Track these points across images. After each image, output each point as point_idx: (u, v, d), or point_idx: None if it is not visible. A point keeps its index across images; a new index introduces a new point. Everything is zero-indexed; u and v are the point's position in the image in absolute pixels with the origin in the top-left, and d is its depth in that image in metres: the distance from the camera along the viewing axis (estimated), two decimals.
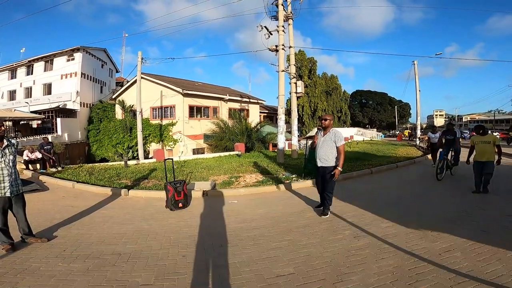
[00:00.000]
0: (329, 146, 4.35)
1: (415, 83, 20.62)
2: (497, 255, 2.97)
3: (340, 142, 4.32)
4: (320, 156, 4.43)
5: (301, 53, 36.38)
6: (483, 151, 5.54)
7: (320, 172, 4.50)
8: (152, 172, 8.53)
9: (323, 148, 4.40)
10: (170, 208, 5.06)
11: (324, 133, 4.48)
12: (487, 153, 5.50)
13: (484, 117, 69.21)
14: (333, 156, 4.36)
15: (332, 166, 4.34)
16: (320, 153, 4.42)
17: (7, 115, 19.23)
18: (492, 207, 4.75)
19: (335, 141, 4.31)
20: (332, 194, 4.51)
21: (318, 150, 4.48)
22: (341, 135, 4.45)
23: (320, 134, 4.53)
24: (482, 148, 5.56)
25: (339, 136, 4.36)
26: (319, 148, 4.46)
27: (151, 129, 20.69)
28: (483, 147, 5.56)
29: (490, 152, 5.50)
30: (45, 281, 2.63)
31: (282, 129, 11.33)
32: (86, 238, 3.77)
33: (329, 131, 4.43)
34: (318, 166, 4.48)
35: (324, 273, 2.74)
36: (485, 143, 5.58)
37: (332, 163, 4.35)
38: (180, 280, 2.67)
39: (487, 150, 5.53)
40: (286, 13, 11.59)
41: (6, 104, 25.69)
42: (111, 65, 30.87)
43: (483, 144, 5.58)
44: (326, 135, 4.43)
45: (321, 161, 4.42)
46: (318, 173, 4.58)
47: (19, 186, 3.45)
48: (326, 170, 4.38)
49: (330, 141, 4.35)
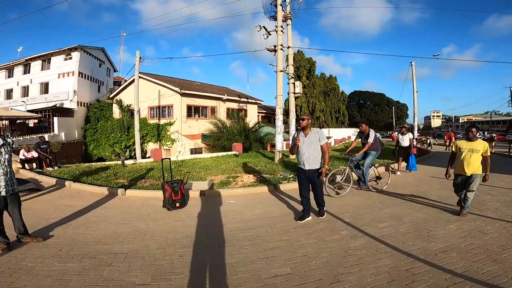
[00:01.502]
0: (315, 146, 4.19)
1: (413, 84, 20.76)
2: (493, 255, 2.99)
3: (324, 140, 4.21)
4: (307, 158, 4.18)
5: (300, 53, 36.41)
6: (470, 162, 4.36)
7: (306, 175, 4.24)
8: (149, 171, 8.50)
9: (309, 149, 4.19)
10: (167, 208, 5.04)
11: (305, 133, 4.26)
12: (475, 165, 4.35)
13: (481, 118, 69.69)
14: (320, 156, 4.23)
15: (318, 167, 4.21)
16: (307, 155, 4.19)
17: (3, 114, 19.10)
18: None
19: (319, 140, 4.18)
20: (323, 196, 4.38)
21: (303, 153, 4.23)
22: (324, 133, 4.36)
23: (301, 135, 4.27)
24: (469, 157, 4.38)
25: (322, 134, 4.25)
26: (304, 150, 4.22)
27: (148, 129, 20.64)
28: (471, 156, 4.37)
29: (478, 164, 4.38)
30: (41, 281, 2.62)
31: (280, 129, 11.34)
32: (83, 237, 3.75)
33: (310, 130, 4.26)
34: (305, 169, 4.22)
35: (321, 273, 2.74)
36: (473, 151, 4.37)
37: (319, 164, 4.22)
38: (177, 280, 2.66)
39: (475, 161, 4.35)
40: (285, 13, 11.60)
41: (2, 103, 25.56)
42: (108, 64, 30.78)
43: (470, 153, 4.39)
44: (308, 136, 4.23)
45: (309, 163, 4.18)
46: (304, 177, 4.28)
47: (14, 186, 3.43)
48: (315, 172, 4.19)
49: (315, 141, 4.19)
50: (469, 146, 4.45)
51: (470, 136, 4.45)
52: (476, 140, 4.45)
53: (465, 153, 4.44)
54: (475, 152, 4.37)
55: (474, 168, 4.35)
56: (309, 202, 4.35)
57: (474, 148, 4.39)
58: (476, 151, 4.37)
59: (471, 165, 4.36)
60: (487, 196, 5.55)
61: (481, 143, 4.42)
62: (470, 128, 4.51)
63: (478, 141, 4.44)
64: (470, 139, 4.46)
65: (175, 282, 2.63)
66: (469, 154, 4.40)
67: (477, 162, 4.36)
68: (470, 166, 4.36)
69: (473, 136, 4.44)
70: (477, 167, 4.35)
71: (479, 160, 4.37)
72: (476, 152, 4.37)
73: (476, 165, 4.35)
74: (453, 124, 71.60)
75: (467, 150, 4.44)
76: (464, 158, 4.42)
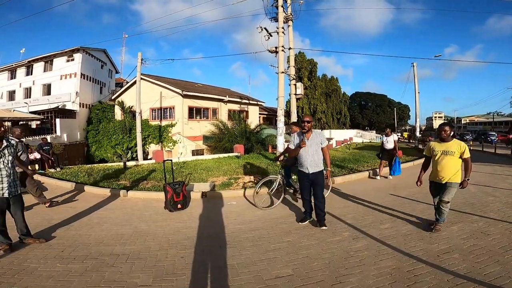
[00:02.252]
0: (317, 149, 4.06)
1: (414, 85, 20.73)
2: (495, 257, 2.98)
3: (326, 143, 4.12)
4: (311, 162, 4.03)
5: (301, 54, 36.51)
6: (444, 167, 3.74)
7: (309, 179, 4.08)
8: (151, 173, 8.52)
9: (311, 152, 4.04)
10: (169, 209, 5.05)
11: (307, 136, 4.10)
12: (450, 171, 3.70)
13: (483, 119, 69.42)
14: (322, 159, 4.11)
15: (321, 170, 4.09)
16: (310, 159, 4.04)
17: (6, 116, 19.20)
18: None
19: (321, 142, 4.07)
20: (324, 201, 4.13)
21: (306, 156, 4.07)
22: (324, 135, 4.29)
23: (304, 138, 4.08)
24: (443, 161, 3.76)
25: (323, 136, 4.17)
26: (306, 153, 4.06)
27: (150, 130, 20.70)
28: (444, 160, 3.76)
29: (454, 169, 3.70)
30: (43, 282, 2.63)
31: (282, 131, 11.33)
32: (85, 239, 3.76)
33: (312, 133, 4.14)
34: (309, 173, 4.06)
35: (323, 274, 2.74)
36: (447, 154, 3.74)
37: (322, 167, 4.10)
38: (178, 281, 2.67)
39: (449, 165, 3.71)
40: (286, 15, 11.61)
41: (5, 105, 25.68)
42: (110, 65, 30.90)
43: (444, 156, 3.77)
44: (310, 138, 4.08)
45: (312, 167, 4.03)
46: (307, 181, 4.13)
47: (17, 187, 3.45)
48: (318, 175, 4.04)
49: (317, 144, 4.06)
50: (442, 147, 3.81)
51: (443, 136, 3.82)
52: (451, 140, 3.82)
53: (438, 156, 3.82)
54: (449, 155, 3.72)
55: (449, 174, 3.71)
56: (311, 204, 4.28)
57: (448, 150, 3.74)
58: (451, 154, 3.72)
59: (446, 170, 3.72)
60: (490, 197, 5.52)
61: (456, 144, 3.77)
62: (442, 126, 3.88)
63: (453, 142, 3.80)
64: (444, 140, 3.83)
65: (176, 283, 2.64)
66: (442, 157, 3.78)
67: (453, 166, 3.70)
68: (444, 171, 3.74)
69: (446, 136, 3.81)
70: (453, 173, 3.70)
71: (455, 164, 3.71)
72: (450, 155, 3.72)
73: (451, 170, 3.70)
74: (455, 125, 71.33)
75: (440, 153, 3.81)
76: (438, 162, 3.82)
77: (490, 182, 7.03)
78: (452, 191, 3.72)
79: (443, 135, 3.81)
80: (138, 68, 15.66)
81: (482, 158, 12.55)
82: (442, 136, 3.83)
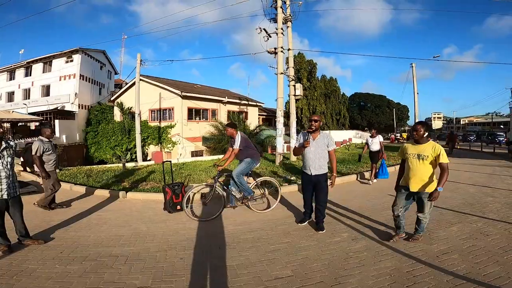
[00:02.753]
0: (322, 151, 3.91)
1: (413, 85, 20.80)
2: (494, 257, 2.98)
3: (333, 146, 3.96)
4: (314, 164, 3.91)
5: (300, 55, 36.52)
6: (416, 173, 3.27)
7: (312, 181, 3.99)
8: (150, 174, 8.51)
9: (316, 154, 3.91)
10: (168, 210, 5.04)
11: (314, 136, 3.96)
12: (421, 178, 3.24)
13: (482, 120, 69.62)
14: (326, 161, 3.98)
15: (325, 173, 3.97)
16: (313, 160, 3.92)
17: (5, 117, 19.16)
18: None
19: (328, 145, 3.91)
20: (325, 205, 4.07)
21: (309, 157, 3.95)
22: (333, 138, 4.09)
23: (310, 138, 3.96)
24: (414, 166, 3.29)
25: (331, 139, 3.99)
26: (310, 154, 3.94)
27: (149, 131, 20.68)
28: (417, 164, 3.27)
29: (426, 177, 3.22)
30: (42, 283, 2.62)
31: (281, 132, 11.35)
32: (84, 240, 3.75)
33: (319, 134, 3.99)
34: (311, 175, 3.96)
35: (322, 275, 2.74)
36: (419, 158, 3.26)
37: (326, 170, 3.97)
38: (178, 283, 2.66)
39: (421, 171, 3.24)
40: (285, 16, 11.64)
41: (4, 106, 25.66)
42: (109, 67, 30.88)
43: (416, 160, 3.28)
44: (316, 139, 3.94)
45: (315, 169, 3.92)
46: (309, 183, 4.04)
47: (16, 189, 3.44)
48: (320, 178, 3.93)
49: (323, 146, 3.91)
50: (415, 150, 3.32)
51: (415, 137, 3.33)
52: (425, 142, 3.31)
53: (410, 159, 3.34)
54: (422, 159, 3.23)
55: (421, 182, 3.24)
56: (312, 206, 4.23)
57: (421, 154, 3.25)
58: (424, 158, 3.21)
59: (417, 177, 3.26)
60: (489, 198, 5.54)
61: (430, 146, 3.25)
62: (416, 125, 3.34)
63: (427, 144, 3.28)
64: (417, 141, 3.33)
65: (176, 285, 2.63)
66: (414, 161, 3.29)
67: (426, 173, 3.23)
68: (415, 178, 3.27)
69: (419, 137, 3.30)
70: (425, 181, 3.22)
71: (429, 171, 3.22)
72: (423, 159, 3.22)
73: (423, 177, 3.23)
74: (454, 125, 71.47)
75: (412, 156, 3.33)
76: (409, 167, 3.35)
77: (489, 183, 7.04)
78: (428, 204, 3.27)
79: (415, 135, 3.31)
80: (137, 69, 15.66)
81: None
82: (414, 136, 3.34)
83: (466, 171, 9.23)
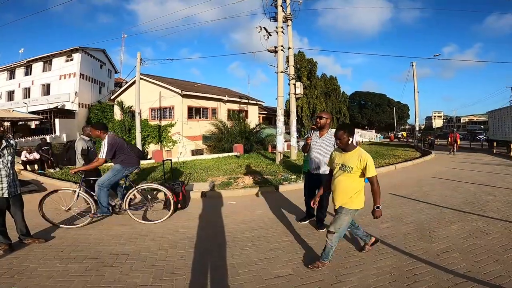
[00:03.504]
0: (327, 150, 3.72)
1: (414, 84, 20.77)
2: (495, 256, 2.98)
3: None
4: (316, 162, 3.80)
5: (300, 54, 36.42)
6: (337, 186, 2.76)
7: (313, 180, 3.90)
8: (150, 173, 8.51)
9: (319, 152, 3.78)
10: (168, 209, 5.03)
11: (321, 134, 3.84)
12: (343, 193, 2.72)
13: (483, 118, 69.48)
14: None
15: (326, 173, 3.64)
16: (316, 158, 3.81)
17: (5, 116, 19.18)
18: None
19: (333, 144, 3.65)
20: (327, 205, 3.90)
21: (312, 154, 3.86)
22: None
23: (315, 135, 3.87)
24: (336, 179, 2.78)
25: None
26: (314, 151, 3.84)
27: (150, 130, 20.69)
28: (339, 177, 2.75)
29: (349, 191, 2.69)
30: (43, 282, 2.62)
31: (281, 130, 11.34)
32: (84, 239, 3.76)
33: (327, 132, 3.83)
34: (312, 173, 3.88)
35: (322, 274, 2.74)
36: (343, 169, 2.71)
37: (327, 170, 3.59)
38: (178, 281, 2.67)
39: (343, 185, 2.71)
40: (285, 14, 11.61)
41: (4, 105, 25.68)
42: (110, 65, 30.89)
43: (340, 172, 2.75)
44: (323, 137, 3.81)
45: (317, 167, 3.80)
46: (310, 181, 3.98)
47: (17, 187, 3.44)
48: (321, 178, 3.70)
49: (328, 145, 3.75)
50: (341, 159, 2.77)
51: (337, 143, 2.75)
52: (352, 150, 2.71)
53: (336, 170, 2.81)
54: (345, 171, 2.69)
55: (342, 198, 2.72)
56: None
57: (345, 164, 2.70)
58: (348, 170, 2.67)
59: (338, 191, 2.74)
60: (489, 197, 5.53)
61: (356, 155, 2.66)
62: (338, 127, 2.74)
63: (353, 152, 2.70)
64: (343, 149, 2.76)
65: (176, 283, 2.63)
66: (338, 173, 2.76)
67: (348, 188, 2.69)
68: (336, 192, 2.76)
69: (342, 144, 2.71)
70: (348, 195, 2.69)
71: (351, 185, 2.68)
72: (347, 171, 2.67)
73: (344, 192, 2.70)
74: (454, 124, 71.40)
75: (338, 167, 2.78)
76: (333, 179, 2.83)
77: (489, 181, 7.04)
78: (341, 218, 2.70)
79: (338, 142, 2.72)
80: (137, 68, 15.65)
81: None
82: (337, 142, 2.76)
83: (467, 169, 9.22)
